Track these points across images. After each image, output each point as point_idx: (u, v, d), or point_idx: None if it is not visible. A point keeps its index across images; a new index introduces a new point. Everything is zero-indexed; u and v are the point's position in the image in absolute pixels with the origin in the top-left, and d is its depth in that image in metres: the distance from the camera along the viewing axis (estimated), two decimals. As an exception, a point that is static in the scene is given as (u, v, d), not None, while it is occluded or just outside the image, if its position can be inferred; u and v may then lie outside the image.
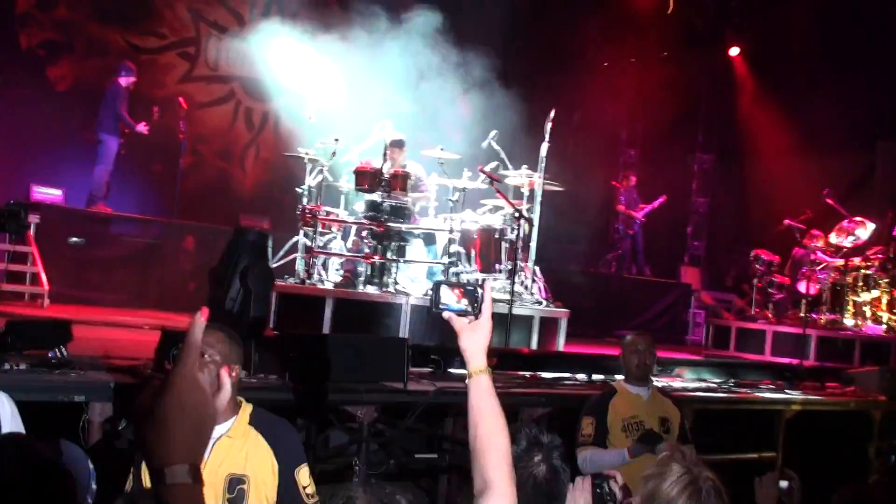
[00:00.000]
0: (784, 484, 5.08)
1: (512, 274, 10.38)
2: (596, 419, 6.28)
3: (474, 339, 2.95)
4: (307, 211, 11.14)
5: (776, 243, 15.99)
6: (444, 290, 3.01)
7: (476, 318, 2.96)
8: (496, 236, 11.36)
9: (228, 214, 14.59)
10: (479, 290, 2.99)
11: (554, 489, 3.72)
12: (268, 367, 6.88)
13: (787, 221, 15.26)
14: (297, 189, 11.71)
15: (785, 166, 18.94)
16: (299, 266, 11.19)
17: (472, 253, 11.35)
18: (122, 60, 14.45)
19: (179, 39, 16.26)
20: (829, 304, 14.49)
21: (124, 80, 14.00)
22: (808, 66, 18.42)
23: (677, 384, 9.63)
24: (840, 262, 14.71)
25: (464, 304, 2.99)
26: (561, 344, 11.34)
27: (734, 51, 20.32)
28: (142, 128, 13.80)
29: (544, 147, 11.50)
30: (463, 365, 2.97)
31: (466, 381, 2.91)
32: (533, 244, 11.55)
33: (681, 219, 20.87)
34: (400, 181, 10.93)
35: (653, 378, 6.71)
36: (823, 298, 14.54)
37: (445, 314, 2.98)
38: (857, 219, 15.03)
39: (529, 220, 11.39)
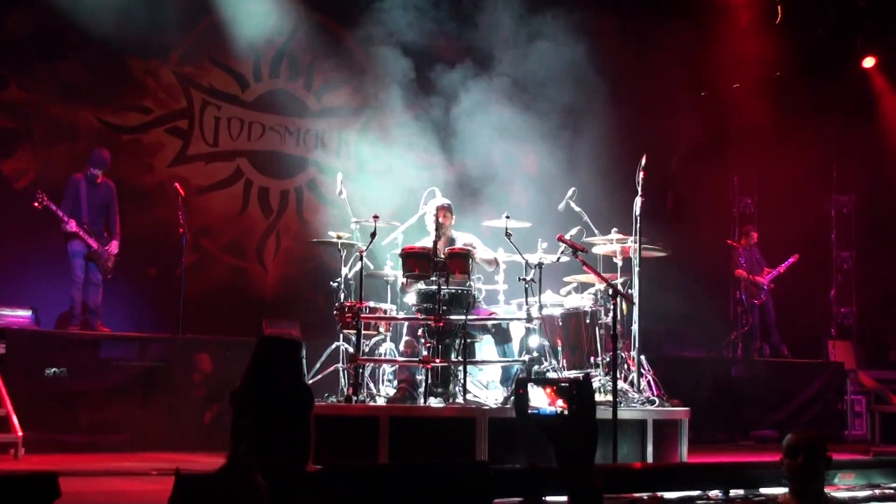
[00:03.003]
0: None
1: (612, 368, 10.20)
2: None
3: (577, 451, 2.87)
4: (346, 309, 11.09)
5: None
6: (532, 390, 2.93)
7: (576, 422, 2.87)
8: (587, 321, 11.26)
9: (248, 322, 14.62)
10: (578, 387, 2.90)
11: None
12: (312, 513, 6.75)
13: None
14: (331, 283, 11.71)
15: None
16: (342, 380, 11.13)
17: (559, 345, 11.23)
18: (96, 146, 14.63)
19: (168, 112, 16.44)
20: None
21: (87, 171, 14.16)
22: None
23: (842, 494, 9.35)
24: None
25: (559, 406, 2.90)
26: (684, 453, 11.17)
27: (868, 62, 20.13)
28: (72, 227, 13.78)
29: (638, 203, 11.40)
30: (562, 489, 2.88)
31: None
32: (635, 327, 11.43)
33: (820, 280, 20.56)
34: (460, 261, 10.89)
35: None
36: None
37: (535, 422, 2.90)
38: None
39: (628, 298, 11.27)
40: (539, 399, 2.91)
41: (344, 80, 16.48)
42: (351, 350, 11.01)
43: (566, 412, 2.87)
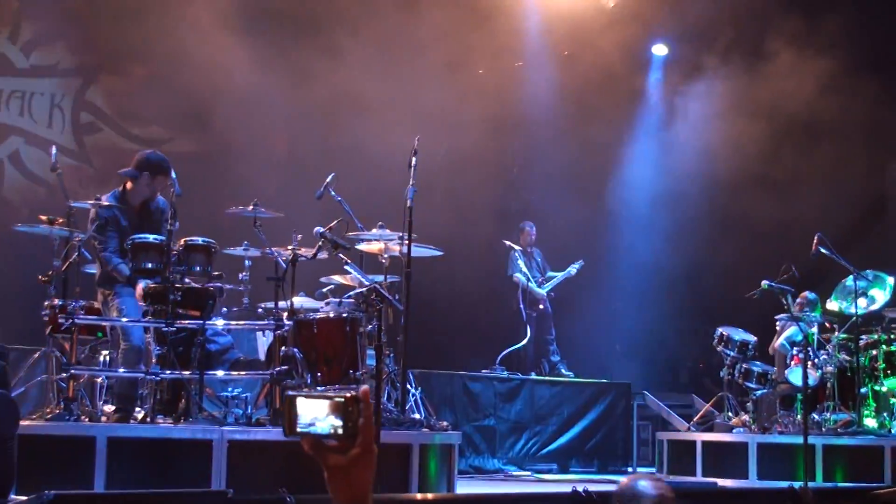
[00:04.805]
0: None
1: (377, 384, 10.22)
2: None
3: (353, 478, 2.83)
4: (57, 309, 10.81)
5: (752, 316, 16.19)
6: (302, 403, 2.87)
7: (354, 443, 2.83)
8: (346, 329, 11.22)
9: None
10: (354, 403, 2.86)
11: None
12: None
13: (765, 283, 15.46)
14: (39, 278, 11.39)
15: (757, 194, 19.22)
16: (51, 394, 10.86)
17: (313, 356, 11.17)
18: None
19: None
20: (838, 398, 14.69)
21: None
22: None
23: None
24: (848, 336, 14.98)
25: (333, 422, 2.85)
26: (454, 484, 11.24)
27: (659, 49, 20.82)
28: None
29: (410, 192, 11.41)
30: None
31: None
32: (402, 338, 11.46)
33: (606, 287, 20.93)
34: (200, 254, 10.76)
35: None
36: (828, 391, 14.75)
37: (306, 442, 2.85)
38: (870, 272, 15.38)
39: (394, 303, 11.29)
40: (311, 413, 2.84)
41: (60, 33, 16.05)
42: (64, 358, 10.74)
43: (342, 430, 2.81)
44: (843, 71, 18.05)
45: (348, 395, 2.86)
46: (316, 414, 2.86)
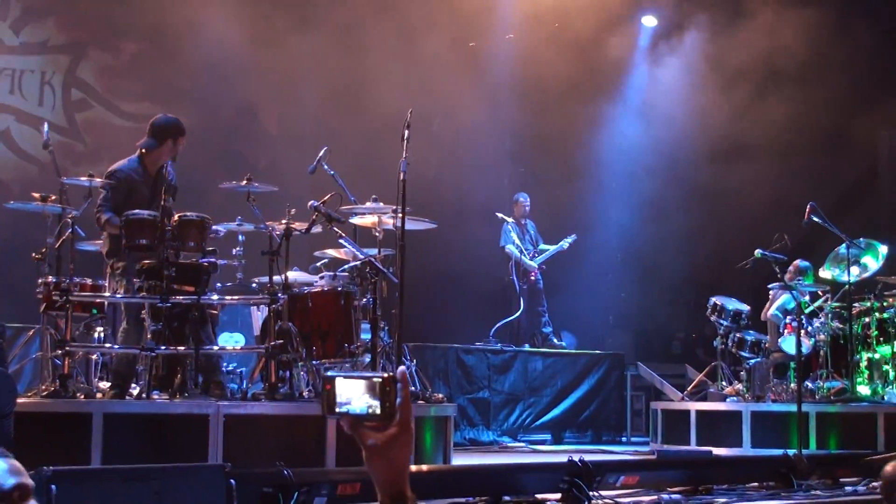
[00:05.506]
0: None
1: (372, 357, 10.22)
2: None
3: (390, 457, 2.83)
4: (51, 286, 10.79)
5: (745, 285, 16.20)
6: (341, 383, 2.88)
7: (391, 423, 2.84)
8: (341, 302, 11.20)
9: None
10: (392, 383, 2.87)
11: None
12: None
13: (758, 251, 15.42)
14: (33, 255, 11.36)
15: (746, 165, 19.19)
16: (46, 370, 10.84)
17: (307, 330, 11.16)
18: None
19: None
20: (832, 366, 14.71)
21: None
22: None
23: (626, 502, 9.57)
24: (841, 304, 14.99)
25: (370, 402, 2.86)
26: (450, 455, 11.25)
27: (649, 21, 20.76)
28: None
29: (403, 166, 11.38)
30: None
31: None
32: (396, 311, 11.44)
33: (598, 259, 20.92)
34: (195, 230, 10.74)
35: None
36: (821, 359, 14.76)
37: (345, 421, 2.86)
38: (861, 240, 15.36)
39: (389, 276, 11.28)
40: (349, 393, 2.86)
41: (50, 10, 15.96)
42: (58, 336, 10.72)
43: (378, 411, 2.83)
44: (833, 30, 18.01)
45: (386, 375, 2.88)
46: (352, 394, 2.88)
